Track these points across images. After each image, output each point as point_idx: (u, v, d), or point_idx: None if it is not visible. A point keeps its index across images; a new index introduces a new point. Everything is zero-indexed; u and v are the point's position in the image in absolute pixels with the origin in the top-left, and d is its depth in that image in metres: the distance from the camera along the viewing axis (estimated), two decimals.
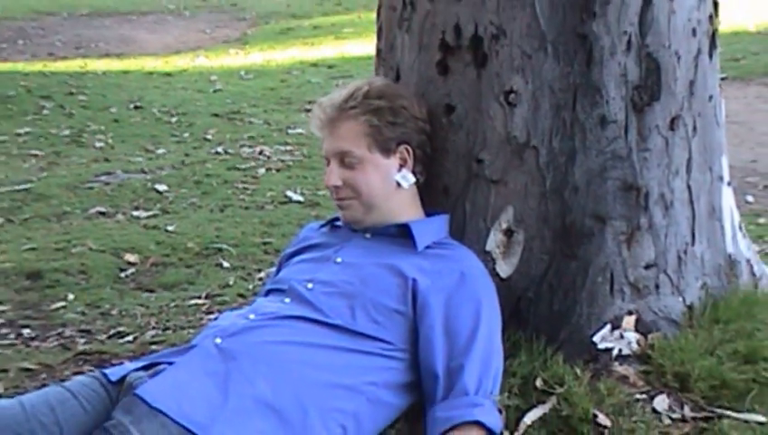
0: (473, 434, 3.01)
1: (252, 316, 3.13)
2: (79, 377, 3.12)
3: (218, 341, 3.04)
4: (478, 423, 3.01)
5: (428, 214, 3.35)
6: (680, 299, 3.45)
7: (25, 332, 4.44)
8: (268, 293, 3.29)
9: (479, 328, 3.09)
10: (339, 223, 3.43)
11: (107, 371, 3.10)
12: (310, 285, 3.17)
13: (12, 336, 4.40)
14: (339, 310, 3.09)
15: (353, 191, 3.28)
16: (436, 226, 3.32)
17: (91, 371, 3.13)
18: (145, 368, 3.05)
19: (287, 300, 3.17)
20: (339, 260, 3.25)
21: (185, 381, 2.92)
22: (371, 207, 3.29)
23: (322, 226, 3.51)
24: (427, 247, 3.22)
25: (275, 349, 3.01)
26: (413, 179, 3.31)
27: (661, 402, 3.23)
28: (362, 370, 3.05)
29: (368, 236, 3.31)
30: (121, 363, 3.25)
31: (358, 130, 3.25)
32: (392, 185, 3.28)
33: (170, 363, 3.02)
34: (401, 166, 3.29)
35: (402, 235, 3.25)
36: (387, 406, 3.11)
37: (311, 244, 3.43)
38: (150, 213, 6.00)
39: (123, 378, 3.02)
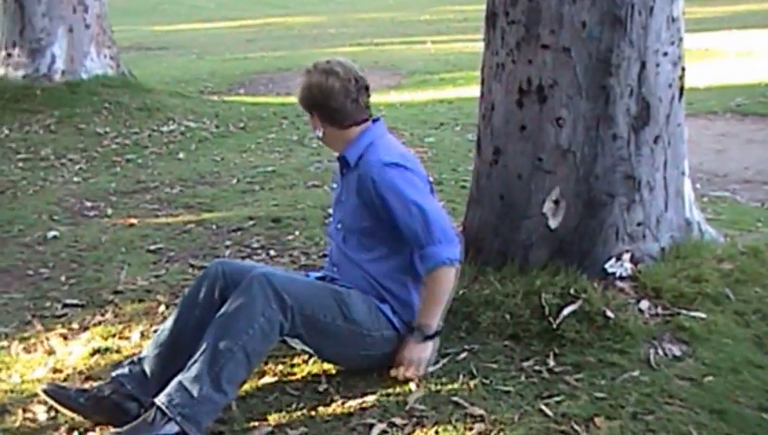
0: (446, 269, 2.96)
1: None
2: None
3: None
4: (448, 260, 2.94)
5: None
6: (657, 244, 3.40)
7: (271, 252, 4.55)
8: None
9: (408, 205, 2.95)
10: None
11: (312, 273, 3.23)
12: (339, 226, 3.15)
13: (263, 255, 4.52)
14: (352, 243, 3.08)
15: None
16: (357, 144, 3.09)
17: (306, 275, 3.18)
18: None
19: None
20: (342, 199, 3.15)
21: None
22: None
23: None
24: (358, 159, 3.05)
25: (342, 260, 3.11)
26: (321, 134, 3.10)
27: (644, 304, 3.21)
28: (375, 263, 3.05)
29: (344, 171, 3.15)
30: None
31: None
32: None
33: None
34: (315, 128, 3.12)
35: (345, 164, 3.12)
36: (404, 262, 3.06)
37: (333, 187, 3.43)
38: None
39: (321, 278, 3.15)
